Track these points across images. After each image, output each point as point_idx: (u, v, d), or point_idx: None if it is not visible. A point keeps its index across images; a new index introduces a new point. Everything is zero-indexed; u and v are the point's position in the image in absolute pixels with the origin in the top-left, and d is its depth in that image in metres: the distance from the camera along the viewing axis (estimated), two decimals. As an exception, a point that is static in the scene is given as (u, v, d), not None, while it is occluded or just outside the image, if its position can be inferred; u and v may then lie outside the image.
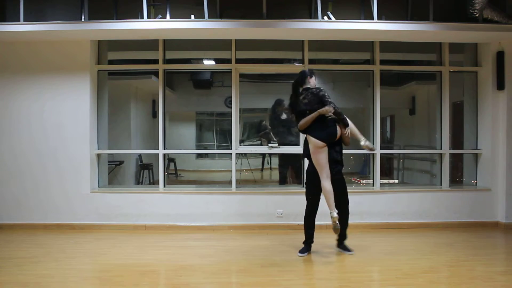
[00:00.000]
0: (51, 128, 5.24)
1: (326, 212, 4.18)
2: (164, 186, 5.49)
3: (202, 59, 6.04)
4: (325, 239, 4.49)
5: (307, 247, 4.16)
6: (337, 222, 3.86)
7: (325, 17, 4.85)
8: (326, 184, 3.94)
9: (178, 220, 5.26)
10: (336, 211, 3.91)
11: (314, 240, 4.18)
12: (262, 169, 7.43)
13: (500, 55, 5.35)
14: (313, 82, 4.09)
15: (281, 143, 5.76)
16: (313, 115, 3.90)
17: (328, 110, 3.85)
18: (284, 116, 6.12)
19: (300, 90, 4.09)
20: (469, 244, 4.55)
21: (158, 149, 5.48)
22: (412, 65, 6.09)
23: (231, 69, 5.45)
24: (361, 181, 6.40)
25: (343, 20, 4.77)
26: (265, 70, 6.03)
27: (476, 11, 4.74)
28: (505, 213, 5.34)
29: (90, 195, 5.26)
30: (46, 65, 5.25)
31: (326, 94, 3.91)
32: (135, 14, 4.84)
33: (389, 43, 5.47)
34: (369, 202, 5.32)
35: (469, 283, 3.33)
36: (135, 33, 4.95)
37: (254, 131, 7.84)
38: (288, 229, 5.14)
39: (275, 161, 7.12)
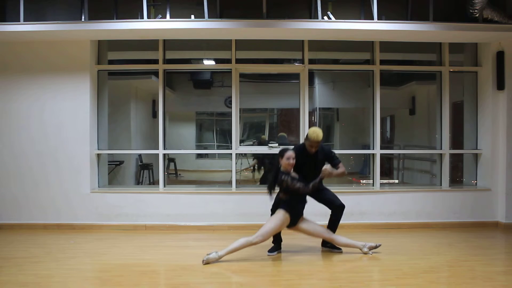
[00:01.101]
0: (51, 128, 5.24)
1: (327, 212, 4.19)
2: (164, 186, 5.49)
3: (202, 59, 6.05)
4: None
5: (276, 246, 4.20)
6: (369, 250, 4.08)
7: (325, 17, 4.85)
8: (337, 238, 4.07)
9: (178, 220, 5.26)
10: (363, 244, 4.09)
11: (284, 241, 4.26)
12: (253, 170, 7.45)
13: (500, 55, 5.34)
14: (283, 162, 3.92)
15: (281, 143, 5.76)
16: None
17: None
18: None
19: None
20: (469, 244, 4.55)
21: (158, 149, 5.47)
22: (412, 65, 6.10)
23: (231, 69, 5.45)
24: (361, 181, 6.40)
25: (343, 20, 4.77)
26: (265, 70, 6.04)
27: (476, 11, 4.74)
28: (505, 213, 5.33)
29: (90, 195, 5.26)
30: (46, 65, 5.24)
31: (284, 184, 3.87)
32: (135, 14, 4.84)
33: (389, 43, 5.47)
34: (369, 202, 5.32)
35: (469, 283, 3.33)
36: (135, 33, 4.94)
37: (254, 131, 7.85)
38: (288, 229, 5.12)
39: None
